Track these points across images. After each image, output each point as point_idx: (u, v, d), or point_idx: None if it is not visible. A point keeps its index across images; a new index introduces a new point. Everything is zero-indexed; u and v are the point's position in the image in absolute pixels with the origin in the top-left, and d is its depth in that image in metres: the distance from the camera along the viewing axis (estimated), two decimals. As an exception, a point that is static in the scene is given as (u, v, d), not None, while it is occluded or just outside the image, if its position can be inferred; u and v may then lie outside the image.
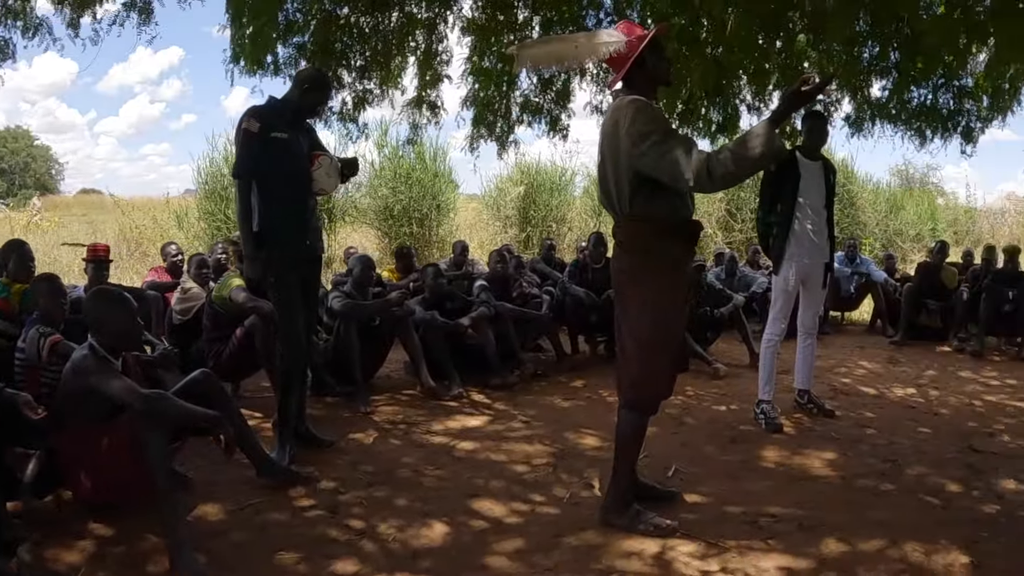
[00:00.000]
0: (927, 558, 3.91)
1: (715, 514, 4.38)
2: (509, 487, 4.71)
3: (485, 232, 18.30)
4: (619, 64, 3.91)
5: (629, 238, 3.95)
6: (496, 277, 8.15)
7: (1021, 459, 5.73)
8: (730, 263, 11.01)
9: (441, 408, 6.48)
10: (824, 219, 6.32)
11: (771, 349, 6.35)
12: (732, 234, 18.71)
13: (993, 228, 25.43)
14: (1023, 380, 8.64)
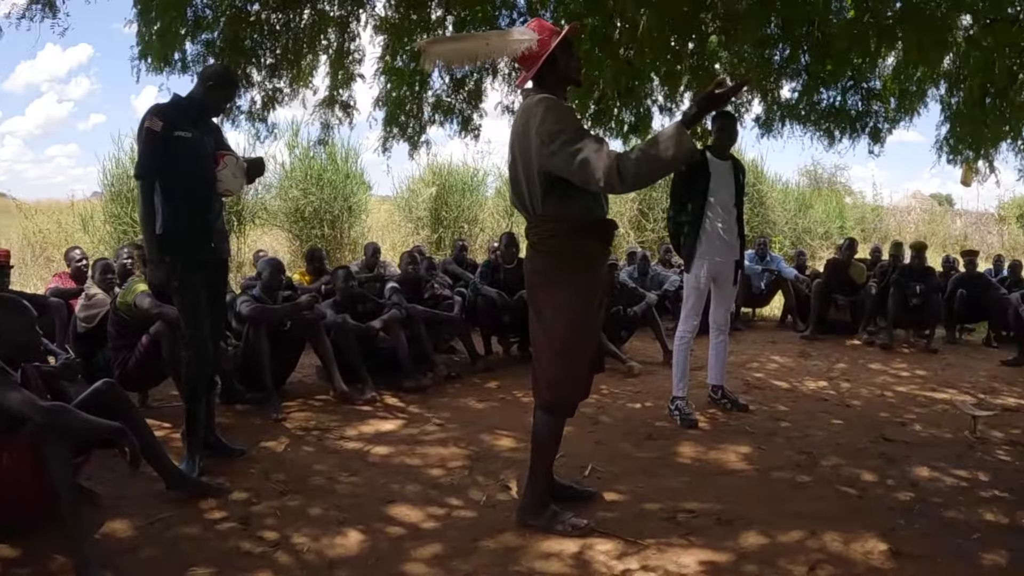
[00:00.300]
0: (846, 547, 3.97)
1: (633, 511, 4.38)
2: (425, 491, 4.64)
3: (397, 234, 18.15)
4: (530, 62, 3.87)
5: (543, 239, 3.91)
6: (408, 279, 8.08)
7: (933, 447, 5.91)
8: (642, 262, 11.11)
9: (354, 413, 6.37)
10: (734, 218, 6.42)
11: (684, 346, 6.41)
12: (644, 233, 18.92)
13: (899, 225, 26.32)
14: (932, 371, 8.96)
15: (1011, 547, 4.09)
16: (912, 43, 7.48)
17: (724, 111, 6.83)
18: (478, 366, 7.98)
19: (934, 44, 7.44)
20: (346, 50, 8.90)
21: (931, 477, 5.19)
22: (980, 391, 8.04)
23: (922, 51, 7.56)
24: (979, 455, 5.77)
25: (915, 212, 29.08)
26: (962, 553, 3.98)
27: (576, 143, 3.57)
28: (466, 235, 17.06)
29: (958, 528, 4.32)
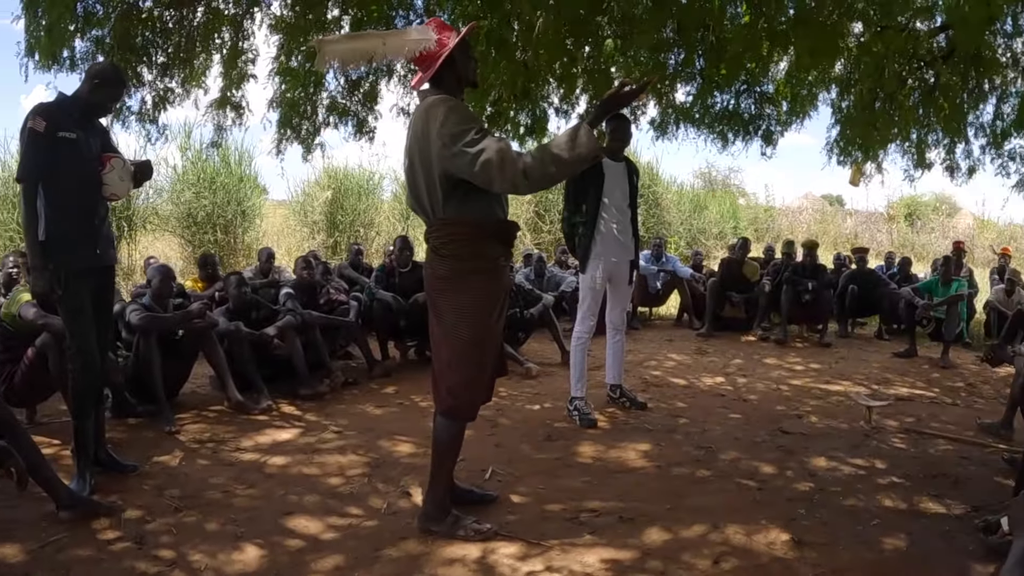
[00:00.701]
0: (749, 539, 4.02)
1: (535, 513, 4.35)
2: (324, 502, 4.51)
3: (292, 238, 17.81)
4: (427, 63, 3.79)
5: (444, 243, 3.82)
6: (303, 284, 7.92)
7: (829, 437, 6.06)
8: (538, 263, 11.14)
9: (250, 423, 6.18)
10: (628, 218, 6.48)
11: (581, 347, 6.43)
12: (541, 235, 19.02)
13: (792, 225, 27.00)
14: (826, 364, 9.21)
15: (910, 531, 4.22)
16: (805, 48, 7.67)
17: (618, 113, 6.88)
18: (375, 371, 7.86)
19: (826, 50, 7.64)
20: (240, 49, 8.71)
21: (829, 467, 5.32)
22: (873, 382, 8.30)
23: (814, 56, 7.77)
24: (875, 444, 5.94)
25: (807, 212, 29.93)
26: (863, 539, 4.08)
27: (478, 144, 3.51)
28: (362, 239, 16.85)
29: (858, 515, 4.43)
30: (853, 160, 10.80)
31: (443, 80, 3.81)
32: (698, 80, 9.31)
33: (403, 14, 8.31)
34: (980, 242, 25.52)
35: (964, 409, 7.32)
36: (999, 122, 10.41)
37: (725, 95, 9.89)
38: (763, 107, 10.20)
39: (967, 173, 11.06)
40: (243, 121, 9.29)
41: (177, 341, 6.49)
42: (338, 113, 9.37)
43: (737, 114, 10.00)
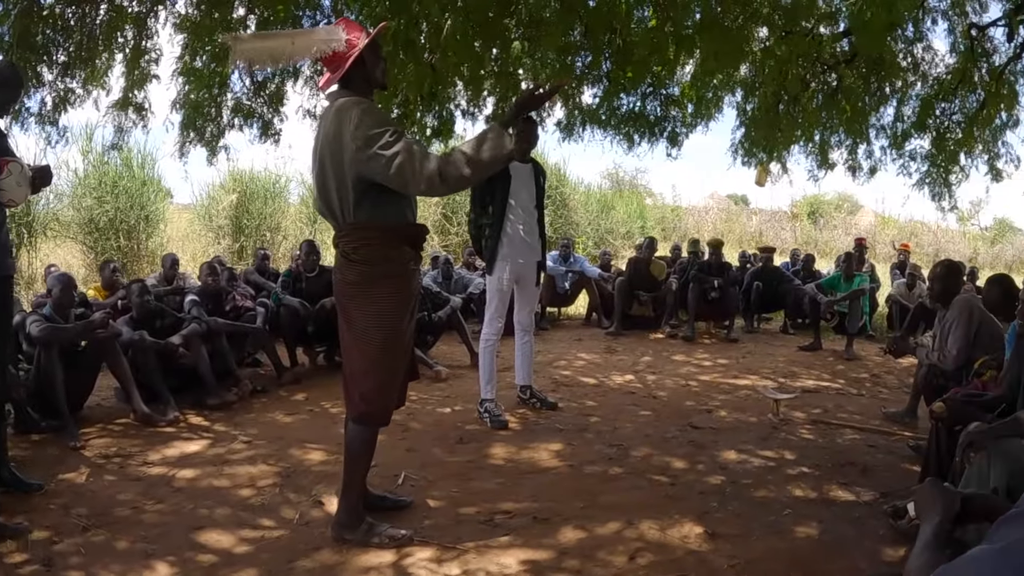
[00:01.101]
0: (663, 533, 4.07)
1: (450, 517, 4.33)
2: (236, 514, 4.40)
3: (197, 243, 17.25)
4: (336, 63, 3.73)
5: (356, 248, 3.77)
6: (208, 291, 7.74)
7: (738, 431, 6.18)
8: (446, 266, 11.11)
9: (157, 435, 5.98)
10: (535, 219, 6.49)
11: (490, 348, 6.44)
12: (448, 237, 18.95)
13: (698, 224, 27.42)
14: (733, 359, 9.39)
15: (821, 519, 4.34)
16: (710, 52, 7.79)
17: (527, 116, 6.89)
18: (284, 378, 7.72)
19: (731, 53, 7.79)
20: (143, 49, 8.46)
21: (739, 460, 5.43)
22: (780, 376, 8.48)
23: (719, 60, 7.91)
24: (783, 436, 6.08)
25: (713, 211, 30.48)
26: (776, 529, 4.18)
27: (393, 147, 3.47)
28: (268, 243, 16.56)
29: (770, 506, 4.53)
30: (758, 161, 11.03)
31: (352, 81, 3.76)
32: (605, 82, 9.38)
33: (310, 14, 8.18)
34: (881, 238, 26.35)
35: (869, 399, 7.55)
36: (899, 124, 10.77)
37: (631, 97, 10.00)
38: (669, 109, 10.35)
39: (869, 173, 11.39)
40: (145, 123, 9.04)
41: (80, 353, 6.29)
42: (243, 115, 9.19)
43: (643, 116, 10.13)
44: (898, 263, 13.91)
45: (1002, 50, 10.12)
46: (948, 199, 11.16)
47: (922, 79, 10.42)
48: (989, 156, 11.01)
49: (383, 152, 3.46)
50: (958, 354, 5.48)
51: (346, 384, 3.94)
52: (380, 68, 3.87)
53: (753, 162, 11.08)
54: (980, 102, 10.10)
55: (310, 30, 4.35)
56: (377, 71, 3.84)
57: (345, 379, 3.95)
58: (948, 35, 10.09)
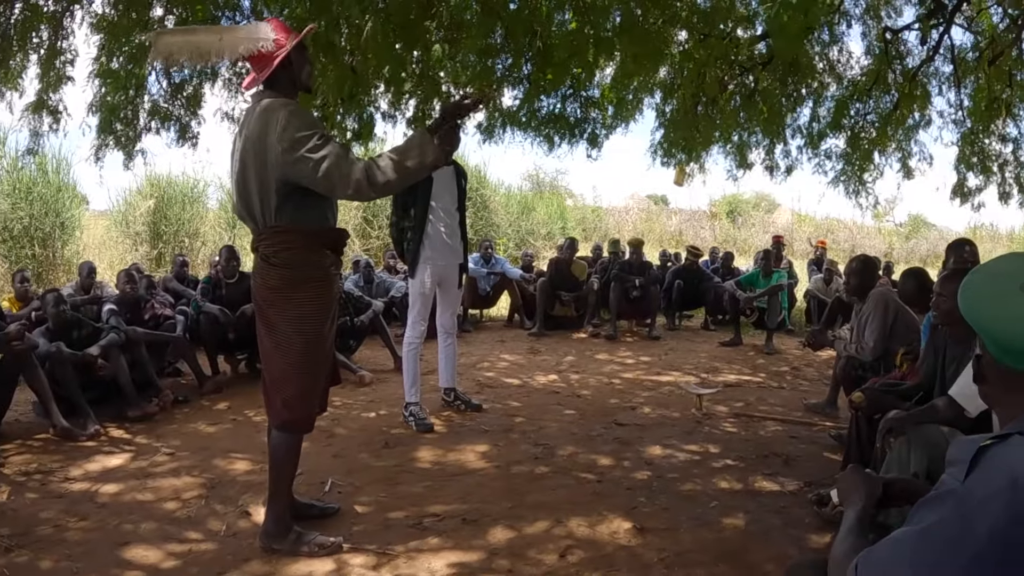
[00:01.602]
0: (592, 530, 4.11)
1: (379, 522, 4.30)
2: (161, 528, 4.29)
3: (115, 251, 16.78)
4: (262, 63, 3.66)
5: (277, 251, 3.71)
6: (126, 299, 7.58)
7: (663, 427, 6.28)
8: (367, 269, 11.05)
9: (78, 450, 5.81)
10: (457, 221, 6.51)
11: (413, 352, 6.42)
12: (369, 240, 18.86)
13: (619, 224, 27.65)
14: (656, 356, 9.52)
15: (748, 509, 4.43)
16: (629, 54, 7.87)
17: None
18: (206, 387, 7.58)
19: (650, 56, 7.88)
20: (58, 49, 8.26)
21: (665, 455, 5.50)
22: (702, 371, 8.63)
23: (638, 62, 7.99)
24: (707, 429, 6.19)
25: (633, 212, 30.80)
26: (703, 521, 4.25)
27: (321, 150, 3.45)
28: (187, 250, 16.27)
29: (696, 499, 4.61)
30: (677, 161, 11.18)
31: (277, 82, 3.71)
32: (525, 84, 9.42)
33: (229, 15, 8.07)
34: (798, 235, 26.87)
35: (790, 392, 7.72)
36: (815, 124, 11.09)
37: (551, 99, 10.08)
38: (589, 111, 10.46)
39: (786, 172, 11.68)
40: (60, 126, 8.82)
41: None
42: (160, 118, 9.02)
43: (563, 117, 10.21)
44: (815, 259, 14.27)
45: (915, 52, 10.53)
46: (865, 196, 11.44)
47: (838, 80, 10.71)
48: (902, 154, 11.37)
49: (311, 155, 3.44)
50: (875, 345, 5.63)
51: (267, 391, 3.89)
52: (306, 71, 3.84)
53: (672, 163, 11.24)
54: (894, 103, 10.41)
55: (238, 27, 4.28)
56: (303, 74, 3.80)
57: (266, 386, 3.90)
58: (863, 38, 10.43)
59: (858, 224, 30.22)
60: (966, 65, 10.40)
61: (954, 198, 11.58)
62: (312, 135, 3.48)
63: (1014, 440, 1.59)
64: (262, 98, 3.68)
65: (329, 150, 3.46)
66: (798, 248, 24.61)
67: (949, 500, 1.56)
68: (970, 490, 1.52)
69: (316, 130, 3.53)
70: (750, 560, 3.78)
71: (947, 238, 29.95)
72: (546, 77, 8.86)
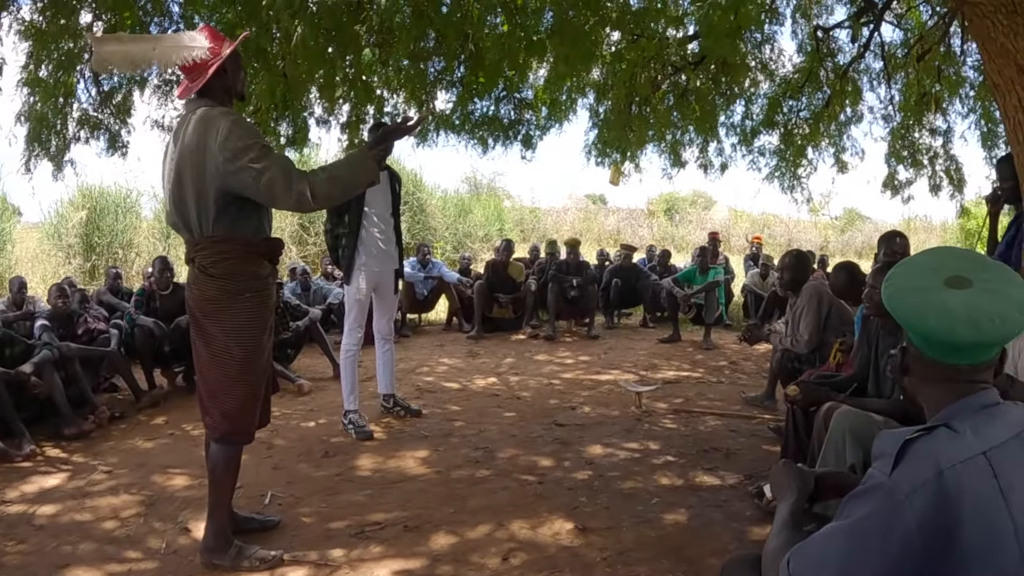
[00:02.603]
0: (534, 532, 4.12)
1: (320, 532, 4.26)
2: (101, 548, 4.20)
3: (48, 264, 16.44)
4: (196, 72, 3.62)
5: (214, 262, 3.66)
6: (58, 314, 7.43)
7: (603, 426, 6.32)
8: (303, 277, 10.98)
9: (13, 471, 5.63)
10: (392, 227, 6.47)
11: (351, 358, 6.37)
12: (306, 247, 18.76)
13: (557, 225, 27.81)
14: (595, 356, 9.57)
15: (689, 505, 4.49)
16: (561, 56, 7.88)
17: (379, 122, 6.90)
18: (143, 402, 7.44)
19: (581, 57, 7.90)
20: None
21: (605, 453, 5.54)
22: (641, 369, 8.69)
23: (570, 63, 8.01)
24: (647, 427, 6.25)
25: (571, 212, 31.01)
26: (645, 518, 4.29)
27: (264, 160, 3.43)
28: (121, 261, 16.00)
29: (638, 496, 4.65)
30: (611, 161, 11.23)
31: (212, 91, 3.66)
32: (458, 88, 9.42)
33: (158, 21, 7.95)
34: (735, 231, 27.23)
35: (729, 386, 7.82)
36: (748, 121, 11.21)
37: (485, 102, 10.08)
38: (522, 113, 10.47)
39: (720, 169, 11.75)
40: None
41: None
42: (90, 127, 8.85)
43: (497, 120, 10.22)
44: (751, 255, 14.45)
45: (846, 50, 10.68)
46: (800, 191, 11.60)
47: (770, 78, 10.82)
48: (835, 149, 11.54)
49: (253, 165, 3.42)
50: (810, 338, 5.73)
51: (203, 404, 3.83)
52: (240, 78, 3.82)
53: (607, 162, 11.29)
54: (826, 99, 10.56)
55: (173, 35, 4.21)
56: (237, 81, 3.78)
57: (202, 399, 3.83)
58: (794, 36, 10.57)
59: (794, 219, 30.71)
60: (896, 61, 10.58)
61: (885, 191, 11.77)
62: (254, 145, 3.46)
63: (940, 432, 1.63)
64: (198, 107, 3.63)
65: (271, 161, 3.44)
66: (735, 244, 24.93)
67: (877, 493, 1.59)
68: (897, 483, 1.56)
69: (258, 140, 3.51)
70: (691, 555, 3.82)
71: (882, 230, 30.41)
72: (479, 80, 8.87)
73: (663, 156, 11.58)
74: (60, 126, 8.48)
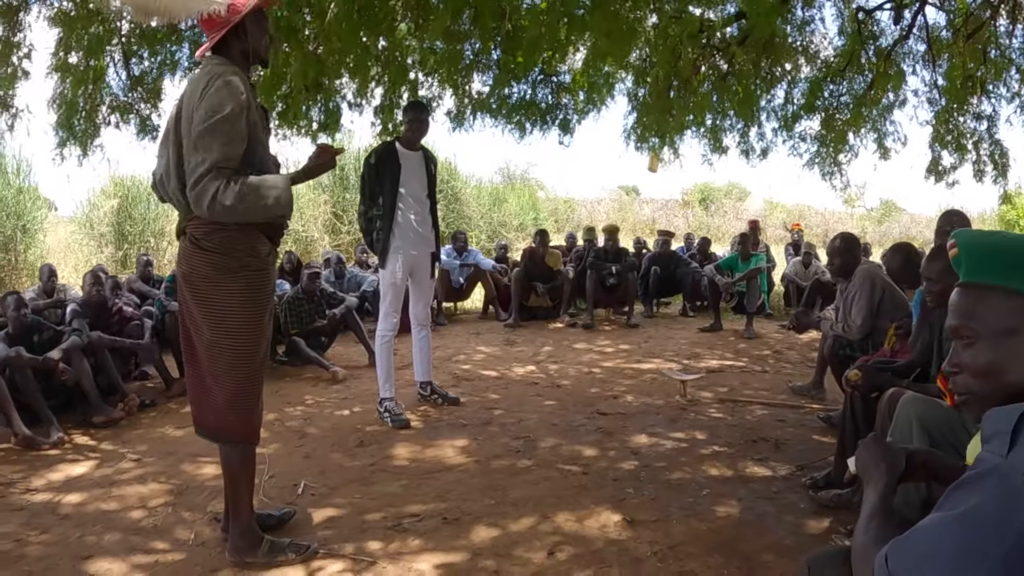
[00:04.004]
0: (580, 525, 3.95)
1: (355, 524, 4.10)
2: (127, 539, 4.07)
3: (80, 253, 16.49)
4: (214, 27, 3.35)
5: (206, 233, 3.36)
6: (92, 302, 7.35)
7: (647, 415, 6.14)
8: (338, 265, 10.90)
9: (40, 459, 5.55)
10: (427, 209, 6.30)
11: (386, 345, 6.23)
12: (339, 236, 18.67)
13: (591, 215, 27.69)
14: (635, 344, 9.39)
15: (739, 496, 4.30)
16: (601, 33, 7.68)
17: (414, 102, 6.75)
18: (173, 390, 7.31)
19: (622, 34, 7.67)
20: (13, 43, 8.00)
21: (651, 443, 5.36)
22: (684, 358, 8.50)
23: (611, 40, 7.79)
24: (692, 416, 6.06)
25: (605, 202, 30.92)
26: (694, 510, 4.10)
27: (215, 136, 3.17)
28: (153, 249, 15.97)
29: (686, 487, 4.46)
30: (650, 147, 11.06)
31: (228, 49, 3.39)
32: (494, 70, 9.28)
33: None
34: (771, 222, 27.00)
35: (774, 375, 7.62)
36: (789, 106, 11.00)
37: (522, 85, 9.96)
38: (560, 97, 10.35)
39: (761, 154, 11.56)
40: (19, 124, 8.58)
41: (-47, 375, 5.87)
42: (120, 111, 8.79)
43: (534, 104, 10.12)
44: (793, 243, 14.24)
45: (888, 32, 10.42)
46: (839, 177, 11.37)
47: (811, 61, 10.61)
48: (877, 135, 11.29)
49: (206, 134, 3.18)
50: (863, 323, 5.48)
51: (195, 397, 3.60)
52: (263, 42, 3.51)
53: (645, 148, 11.13)
54: (868, 83, 10.32)
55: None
56: (259, 44, 3.48)
57: (194, 392, 3.59)
58: (836, 18, 10.36)
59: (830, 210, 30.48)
60: (940, 43, 10.33)
61: (928, 177, 11.51)
62: (223, 113, 3.19)
63: None
64: (208, 64, 3.37)
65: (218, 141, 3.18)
66: (772, 234, 24.70)
67: (990, 479, 1.37)
68: (1014, 465, 1.34)
69: (231, 109, 3.21)
70: (745, 549, 3.63)
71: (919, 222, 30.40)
72: (516, 60, 8.71)
73: (703, 142, 11.42)
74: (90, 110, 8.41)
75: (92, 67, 8.00)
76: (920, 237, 25.20)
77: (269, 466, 4.85)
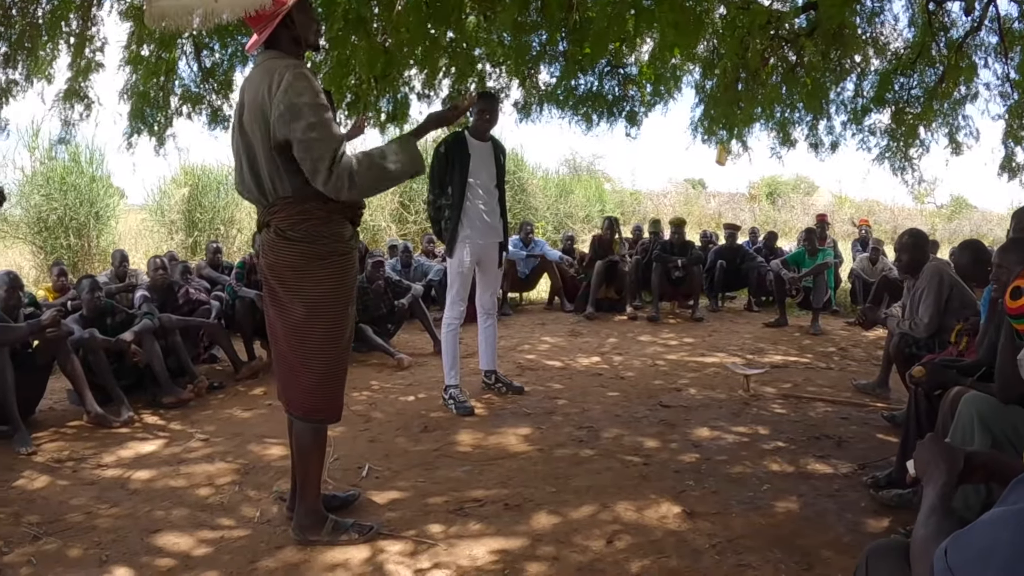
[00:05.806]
0: (640, 514, 3.96)
1: (417, 508, 4.16)
2: (193, 515, 4.19)
3: (150, 240, 16.83)
4: (261, 22, 3.39)
5: (293, 224, 3.44)
6: (158, 285, 7.51)
7: (709, 408, 6.12)
8: (404, 254, 10.98)
9: (111, 437, 5.72)
10: (496, 199, 6.32)
11: (452, 333, 6.28)
12: (406, 225, 18.75)
13: (657, 208, 27.51)
14: (699, 338, 9.35)
15: (800, 492, 4.27)
16: (668, 24, 7.63)
17: (484, 92, 6.77)
18: (241, 373, 7.47)
19: (690, 25, 7.62)
20: (88, 36, 8.18)
21: (712, 437, 5.34)
22: (747, 352, 8.44)
23: (679, 31, 7.74)
24: (755, 411, 6.02)
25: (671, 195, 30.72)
26: (754, 505, 4.09)
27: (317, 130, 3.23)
28: (222, 237, 16.19)
29: (747, 482, 4.44)
30: (718, 140, 10.97)
31: (280, 42, 3.45)
32: (562, 61, 9.27)
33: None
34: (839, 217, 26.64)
35: (838, 372, 7.52)
36: (859, 99, 10.78)
37: (589, 77, 9.92)
38: (627, 88, 10.28)
39: (830, 148, 11.36)
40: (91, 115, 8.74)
41: (30, 354, 6.02)
42: (191, 102, 8.93)
43: (601, 95, 10.06)
44: (860, 238, 14.00)
45: (960, 23, 10.18)
46: (911, 173, 11.16)
47: (881, 53, 10.43)
48: (949, 129, 11.05)
49: (307, 136, 3.23)
50: (930, 321, 5.40)
51: (283, 380, 3.70)
52: (311, 28, 3.56)
53: (713, 141, 11.04)
54: (939, 76, 10.12)
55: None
56: (308, 31, 3.52)
57: (282, 375, 3.69)
58: (906, 9, 10.16)
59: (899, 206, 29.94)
60: (1012, 35, 10.09)
61: (1002, 173, 11.23)
62: (312, 107, 3.26)
63: None
64: (264, 59, 3.45)
65: (322, 133, 3.24)
66: (840, 230, 24.34)
67: None
68: None
69: (316, 100, 3.29)
70: (804, 545, 3.62)
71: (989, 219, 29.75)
72: (583, 51, 8.69)
73: (771, 135, 11.28)
74: (162, 102, 8.55)
75: (164, 59, 8.13)
76: (990, 235, 24.59)
77: (335, 449, 4.92)
